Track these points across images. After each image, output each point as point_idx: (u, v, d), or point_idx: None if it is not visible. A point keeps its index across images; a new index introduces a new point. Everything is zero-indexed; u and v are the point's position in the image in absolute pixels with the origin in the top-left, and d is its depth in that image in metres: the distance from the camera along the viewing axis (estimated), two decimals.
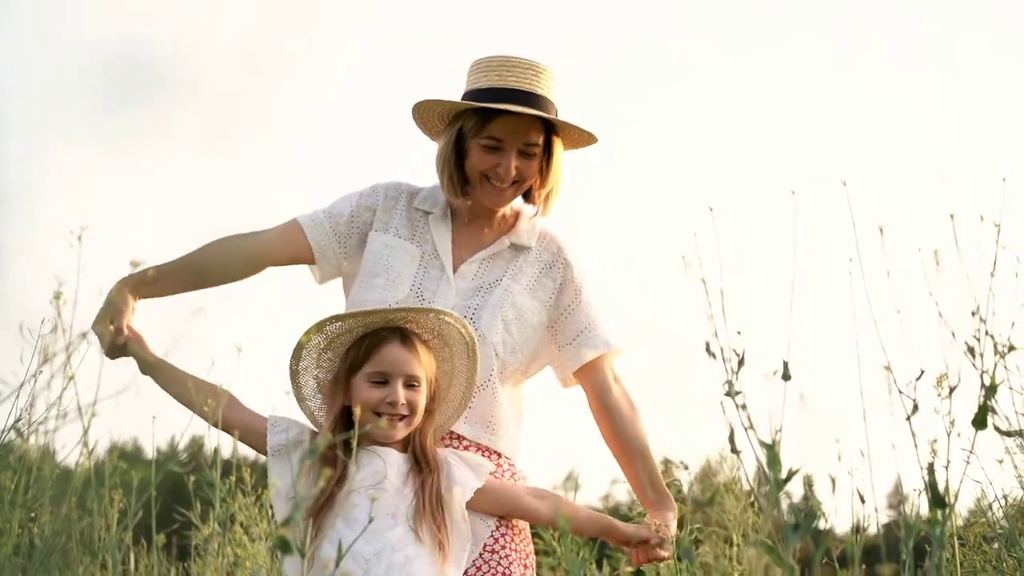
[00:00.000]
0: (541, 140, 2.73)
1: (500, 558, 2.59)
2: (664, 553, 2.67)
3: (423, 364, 2.49)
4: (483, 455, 2.66)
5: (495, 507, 2.58)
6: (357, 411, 2.30)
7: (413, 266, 2.75)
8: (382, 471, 2.43)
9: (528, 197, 2.83)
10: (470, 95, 2.75)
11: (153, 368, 2.59)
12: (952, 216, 1.92)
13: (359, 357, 2.50)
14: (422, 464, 2.47)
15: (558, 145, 2.78)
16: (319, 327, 2.51)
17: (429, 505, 2.41)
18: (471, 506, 2.50)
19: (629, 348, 2.88)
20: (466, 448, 2.65)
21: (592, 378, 2.83)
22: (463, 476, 2.51)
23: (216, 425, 2.54)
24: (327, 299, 2.93)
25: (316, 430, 2.57)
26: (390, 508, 2.39)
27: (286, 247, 2.82)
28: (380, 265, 2.75)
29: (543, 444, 2.98)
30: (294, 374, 2.57)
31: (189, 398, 2.54)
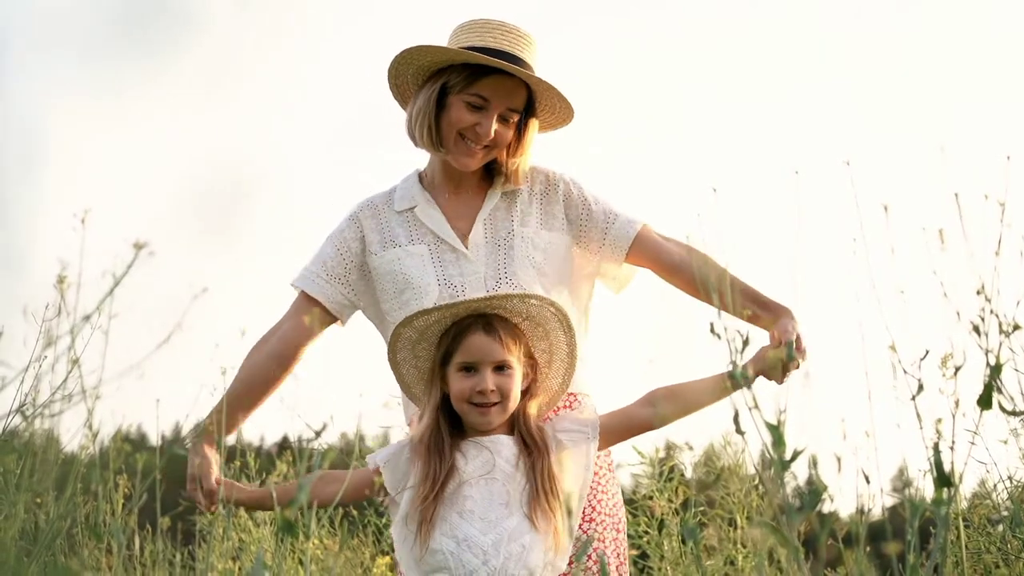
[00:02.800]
0: (522, 108, 2.73)
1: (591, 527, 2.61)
2: (792, 364, 2.46)
3: (512, 348, 2.48)
4: (570, 399, 2.69)
5: (616, 441, 2.61)
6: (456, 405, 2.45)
7: (429, 265, 2.73)
8: (491, 461, 2.44)
9: (492, 168, 2.82)
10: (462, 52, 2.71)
11: (258, 503, 2.73)
12: (956, 195, 1.92)
13: (449, 347, 2.51)
14: (531, 446, 2.47)
15: (534, 122, 2.78)
16: (407, 322, 2.53)
17: (543, 489, 2.41)
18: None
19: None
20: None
21: (645, 251, 2.79)
22: (579, 451, 2.52)
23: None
24: None
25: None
26: (502, 497, 2.40)
27: (312, 312, 2.80)
28: (400, 280, 2.75)
29: None
30: (394, 364, 2.59)
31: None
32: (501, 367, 2.46)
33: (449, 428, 2.49)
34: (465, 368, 2.47)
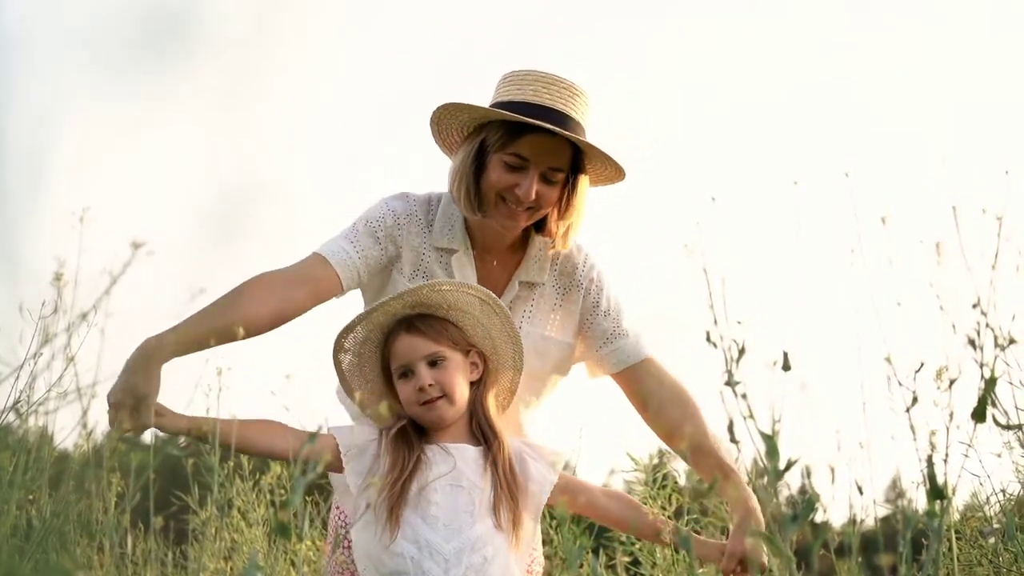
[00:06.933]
0: (567, 167, 2.55)
1: None
2: None
3: (441, 340, 2.46)
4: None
5: (569, 504, 2.47)
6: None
7: None
8: (454, 466, 2.42)
9: (542, 227, 2.65)
10: (500, 106, 2.54)
11: (190, 432, 2.38)
12: (954, 208, 1.92)
13: (384, 361, 2.52)
14: (488, 436, 2.45)
15: (584, 180, 2.60)
16: (338, 346, 2.53)
17: (505, 483, 2.39)
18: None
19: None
20: None
21: (633, 380, 2.70)
22: (539, 472, 2.47)
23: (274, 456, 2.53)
24: None
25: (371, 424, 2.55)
26: (468, 505, 2.37)
27: (320, 297, 2.59)
28: None
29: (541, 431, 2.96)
30: (350, 394, 2.57)
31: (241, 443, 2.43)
32: (434, 361, 2.45)
33: (417, 434, 2.47)
34: (403, 374, 2.47)
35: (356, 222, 2.66)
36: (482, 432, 2.47)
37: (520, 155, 2.50)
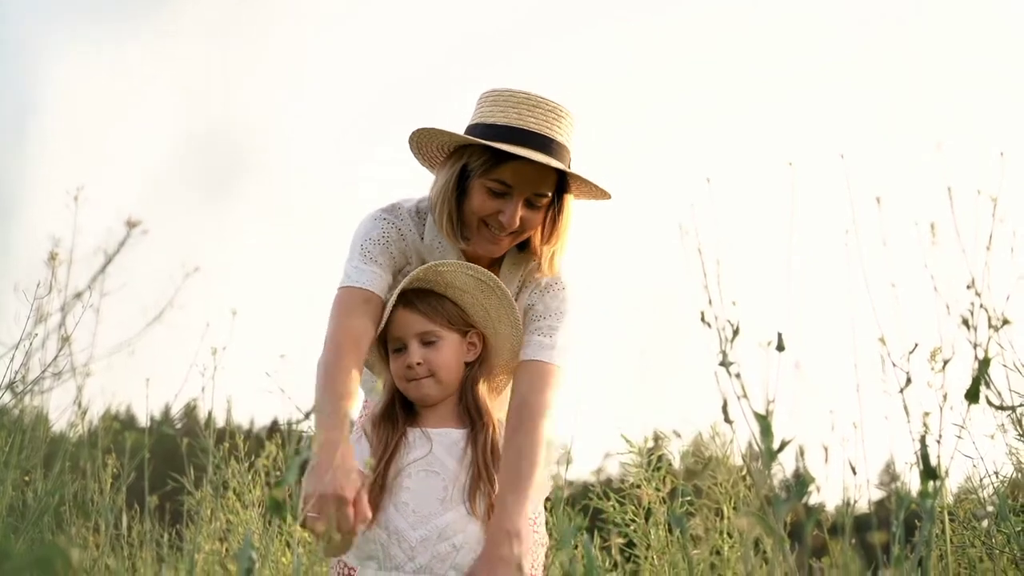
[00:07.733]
0: (551, 190, 2.50)
1: None
2: None
3: (436, 318, 2.46)
4: None
5: None
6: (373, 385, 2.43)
7: None
8: (429, 450, 2.40)
9: (525, 246, 2.61)
10: (482, 128, 2.48)
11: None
12: (949, 189, 1.92)
13: (382, 334, 2.52)
14: (474, 417, 2.44)
15: (569, 200, 2.55)
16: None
17: (484, 465, 2.37)
18: None
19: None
20: None
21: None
22: None
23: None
24: (323, 271, 2.93)
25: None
26: (439, 492, 2.36)
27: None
28: None
29: None
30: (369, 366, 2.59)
31: None
32: (429, 340, 2.45)
33: (403, 412, 2.47)
34: (397, 349, 2.48)
35: (364, 243, 2.60)
36: (469, 414, 2.46)
37: (504, 182, 2.45)
